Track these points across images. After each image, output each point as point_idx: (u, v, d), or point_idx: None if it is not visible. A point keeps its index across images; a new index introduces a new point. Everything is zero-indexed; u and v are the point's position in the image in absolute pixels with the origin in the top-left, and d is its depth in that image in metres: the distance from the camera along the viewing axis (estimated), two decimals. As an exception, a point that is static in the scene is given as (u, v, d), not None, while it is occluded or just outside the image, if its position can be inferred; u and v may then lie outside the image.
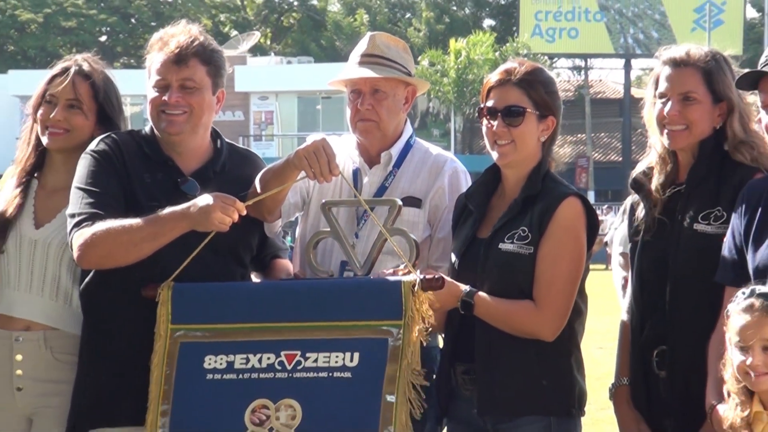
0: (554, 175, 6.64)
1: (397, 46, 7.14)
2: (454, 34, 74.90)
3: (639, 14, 71.72)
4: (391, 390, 6.09)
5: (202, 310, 6.46)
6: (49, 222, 6.84)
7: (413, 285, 6.19)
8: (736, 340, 5.71)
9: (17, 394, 6.84)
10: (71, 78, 6.99)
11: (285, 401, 6.19)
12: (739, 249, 6.07)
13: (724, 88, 6.34)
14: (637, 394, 6.48)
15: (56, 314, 6.83)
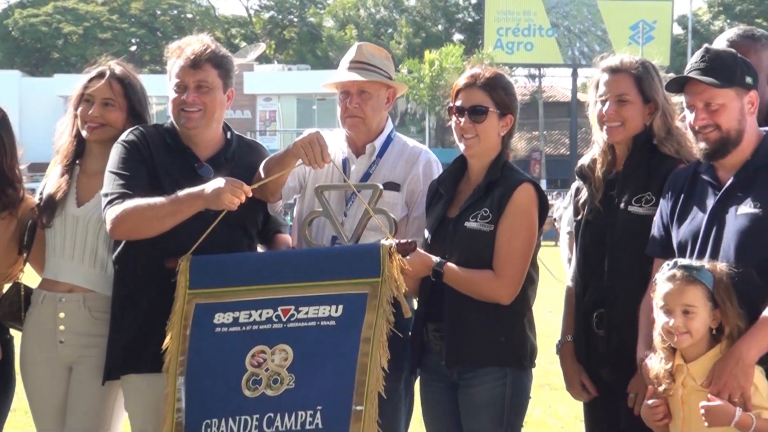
0: (512, 165, 6.66)
1: (380, 54, 7.15)
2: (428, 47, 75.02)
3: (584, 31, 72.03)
4: (368, 333, 6.19)
5: (214, 277, 6.51)
6: (88, 201, 6.86)
7: (390, 248, 6.25)
8: (662, 305, 5.78)
9: (60, 346, 6.86)
10: (106, 80, 7.02)
11: (279, 346, 6.29)
12: (666, 227, 6.15)
13: (652, 91, 6.40)
14: (580, 349, 6.52)
15: (94, 279, 6.85)
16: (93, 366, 6.80)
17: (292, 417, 6.20)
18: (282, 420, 6.20)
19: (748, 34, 6.85)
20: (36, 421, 7.08)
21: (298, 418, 6.19)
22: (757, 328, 5.70)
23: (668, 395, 5.82)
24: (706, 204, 6.01)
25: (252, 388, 6.29)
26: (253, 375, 6.30)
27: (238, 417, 6.25)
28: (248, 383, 6.29)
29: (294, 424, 6.19)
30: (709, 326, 5.77)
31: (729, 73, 5.96)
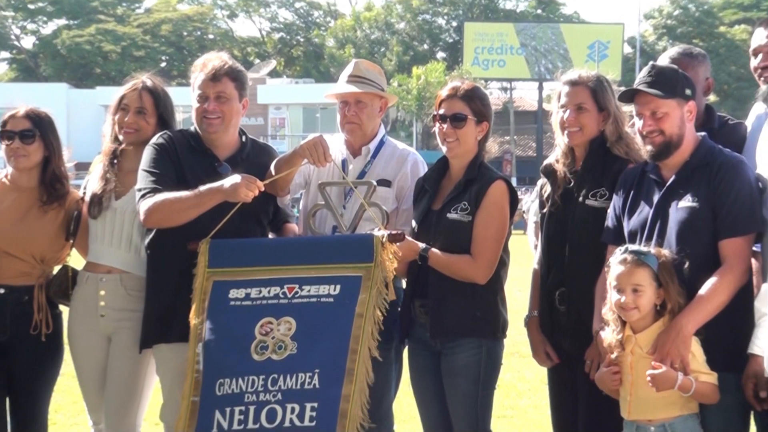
0: (487, 164, 6.68)
1: (374, 69, 7.17)
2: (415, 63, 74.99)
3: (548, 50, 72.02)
4: (361, 310, 6.26)
5: (230, 258, 6.54)
6: (125, 195, 6.86)
7: (382, 238, 6.30)
8: (614, 284, 5.81)
9: (101, 319, 6.88)
10: (139, 91, 7.06)
11: (284, 318, 6.35)
12: (618, 218, 6.18)
13: (605, 101, 6.40)
14: (544, 322, 6.53)
15: (129, 262, 6.87)
16: (129, 336, 6.82)
17: (293, 378, 6.23)
18: (284, 380, 6.23)
19: (687, 53, 6.85)
20: (81, 384, 7.11)
21: (298, 379, 6.22)
22: (694, 304, 5.74)
23: (619, 362, 5.85)
24: (652, 198, 6.05)
25: (260, 353, 6.33)
26: (261, 342, 6.36)
27: (247, 377, 6.29)
28: (257, 349, 6.34)
29: (294, 384, 6.22)
30: (654, 303, 5.80)
31: (671, 86, 5.99)
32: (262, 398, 6.26)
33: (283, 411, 6.21)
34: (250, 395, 6.28)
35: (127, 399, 6.91)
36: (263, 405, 6.25)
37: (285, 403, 6.21)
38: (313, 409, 6.18)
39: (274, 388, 6.25)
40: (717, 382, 5.72)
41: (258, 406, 6.25)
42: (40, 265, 7.05)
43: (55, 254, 7.13)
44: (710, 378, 5.71)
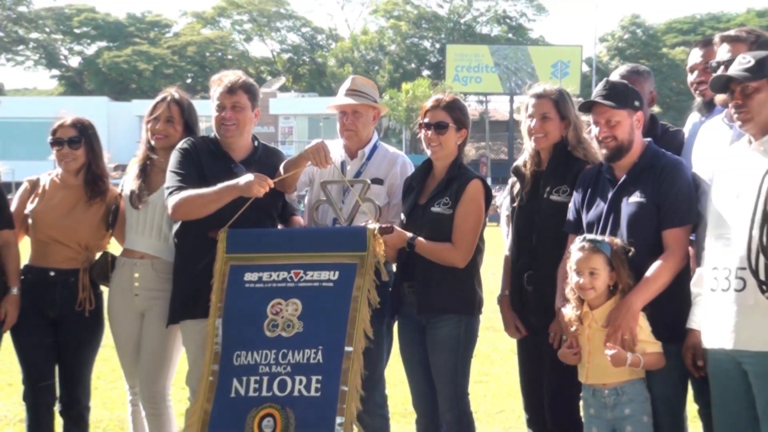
0: (465, 166, 6.68)
1: (369, 84, 7.15)
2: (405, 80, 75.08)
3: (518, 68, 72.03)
4: (357, 294, 6.32)
5: (245, 246, 6.57)
6: (156, 191, 6.86)
7: (374, 231, 6.35)
8: (574, 268, 5.83)
9: (135, 298, 6.89)
10: (168, 103, 7.05)
11: (292, 300, 6.41)
12: (578, 211, 6.17)
13: (566, 111, 6.40)
14: (514, 300, 6.51)
15: (159, 248, 6.88)
16: (159, 313, 6.82)
17: (300, 353, 6.30)
18: (293, 355, 6.30)
19: (635, 70, 6.86)
20: (119, 354, 7.10)
21: (304, 354, 6.29)
22: (641, 284, 5.79)
23: (578, 334, 5.87)
24: (606, 195, 6.05)
25: (271, 330, 6.39)
26: (272, 320, 6.41)
27: (260, 351, 6.35)
28: (268, 326, 6.40)
29: (301, 358, 6.28)
30: (607, 284, 5.83)
31: (623, 98, 6.00)
32: (274, 370, 6.31)
33: (293, 382, 6.26)
34: (264, 367, 6.33)
35: (157, 367, 6.92)
36: (275, 376, 6.30)
37: (294, 375, 6.27)
38: (318, 382, 6.24)
39: (284, 362, 6.30)
40: (662, 350, 5.76)
41: (270, 377, 6.30)
42: (84, 251, 7.06)
43: (98, 242, 7.15)
44: (655, 347, 5.75)
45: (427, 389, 6.61)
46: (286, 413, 6.22)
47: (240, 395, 6.32)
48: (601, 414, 5.87)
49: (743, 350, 5.35)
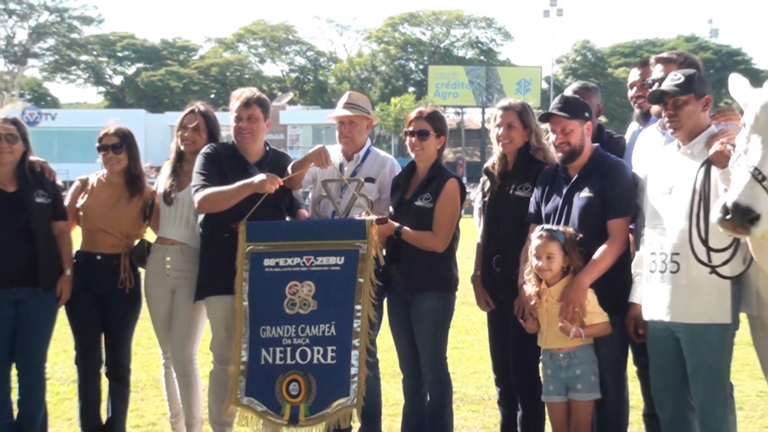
0: (444, 166, 6.67)
1: (363, 98, 7.15)
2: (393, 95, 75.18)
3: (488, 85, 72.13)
4: (361, 276, 6.34)
5: (261, 235, 6.54)
6: (184, 189, 6.83)
7: (372, 221, 6.35)
8: (534, 252, 5.86)
9: (167, 278, 6.86)
10: (195, 115, 7.05)
11: (306, 282, 6.41)
12: (538, 205, 6.17)
13: (528, 121, 6.39)
14: (485, 279, 6.49)
15: (187, 236, 6.85)
16: (187, 290, 6.80)
17: (316, 327, 6.35)
18: (310, 329, 6.35)
19: (585, 86, 6.86)
20: (154, 325, 7.08)
21: (319, 328, 6.34)
22: (589, 266, 5.82)
23: (537, 307, 5.90)
24: (561, 191, 6.06)
25: (290, 308, 6.41)
26: (291, 300, 6.42)
27: (282, 326, 6.39)
28: (287, 305, 6.41)
29: (317, 332, 6.34)
30: (561, 265, 5.85)
31: (575, 110, 6.02)
32: (296, 342, 6.37)
33: (312, 352, 6.34)
34: (286, 339, 6.38)
35: (185, 335, 6.90)
36: (297, 347, 6.36)
37: (312, 346, 6.34)
38: (333, 351, 6.32)
39: (303, 335, 6.36)
40: (608, 320, 5.80)
41: (293, 348, 6.36)
42: (125, 239, 7.03)
43: (136, 231, 7.12)
44: (602, 318, 5.79)
45: (412, 354, 6.59)
46: (309, 378, 6.32)
47: (268, 363, 6.39)
48: (556, 374, 5.90)
49: (677, 322, 5.39)
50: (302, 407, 6.32)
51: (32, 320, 6.79)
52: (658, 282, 5.46)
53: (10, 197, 6.72)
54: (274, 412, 6.38)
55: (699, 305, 5.29)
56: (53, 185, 6.99)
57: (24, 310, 6.74)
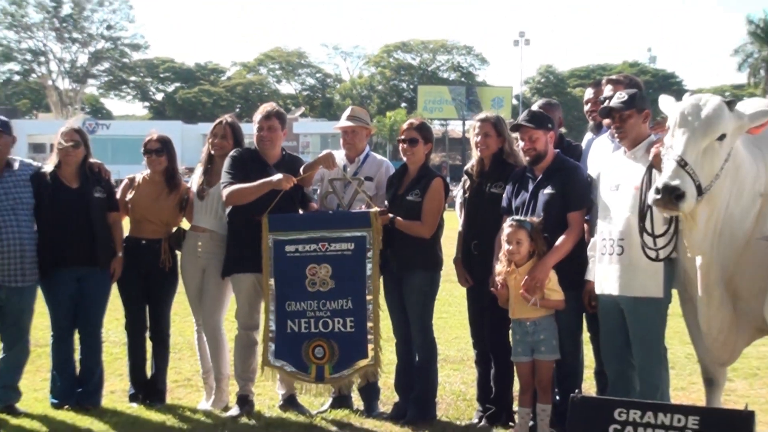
0: (431, 168, 6.67)
1: (363, 112, 7.13)
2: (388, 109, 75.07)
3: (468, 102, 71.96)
4: (369, 259, 6.41)
5: (281, 225, 6.52)
6: (214, 186, 6.83)
7: (376, 213, 6.40)
8: (505, 239, 5.85)
9: (198, 258, 6.88)
10: (223, 125, 7.04)
11: (323, 264, 6.46)
12: (509, 200, 6.15)
13: (502, 131, 6.37)
14: (465, 260, 6.47)
15: (216, 225, 6.84)
16: (216, 269, 6.81)
17: (335, 302, 6.43)
18: (330, 303, 6.44)
19: (548, 103, 6.82)
20: (188, 297, 7.07)
21: (338, 303, 6.43)
22: (552, 251, 5.83)
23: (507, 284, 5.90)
24: (528, 188, 6.05)
25: (311, 286, 6.46)
26: (311, 280, 6.47)
27: (305, 301, 6.46)
28: (309, 284, 6.46)
29: (337, 306, 6.42)
30: (528, 250, 5.84)
31: (540, 122, 6.02)
32: (318, 314, 6.45)
33: (333, 322, 6.43)
34: (310, 312, 6.45)
35: (214, 306, 6.90)
36: (319, 318, 6.44)
37: (333, 317, 6.43)
38: (351, 321, 6.42)
39: (324, 309, 6.44)
40: (563, 297, 5.82)
41: (316, 319, 6.44)
42: (165, 227, 7.04)
43: (174, 220, 7.12)
44: (559, 296, 5.82)
45: (404, 322, 6.58)
46: (331, 344, 6.43)
47: (294, 332, 6.47)
48: (523, 339, 5.91)
49: (622, 296, 5.42)
50: (327, 367, 6.44)
51: (91, 294, 6.86)
52: (607, 263, 5.49)
53: (73, 192, 6.81)
54: (302, 371, 6.48)
55: (639, 282, 5.34)
56: (108, 182, 7.04)
57: (85, 286, 6.83)
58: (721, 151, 4.74)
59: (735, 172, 4.88)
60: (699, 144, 4.69)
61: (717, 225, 4.91)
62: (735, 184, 4.91)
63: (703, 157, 4.69)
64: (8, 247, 6.53)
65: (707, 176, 4.69)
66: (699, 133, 4.71)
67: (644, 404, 4.68)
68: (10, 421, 6.35)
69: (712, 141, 4.71)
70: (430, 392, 6.61)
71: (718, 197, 4.82)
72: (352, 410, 6.75)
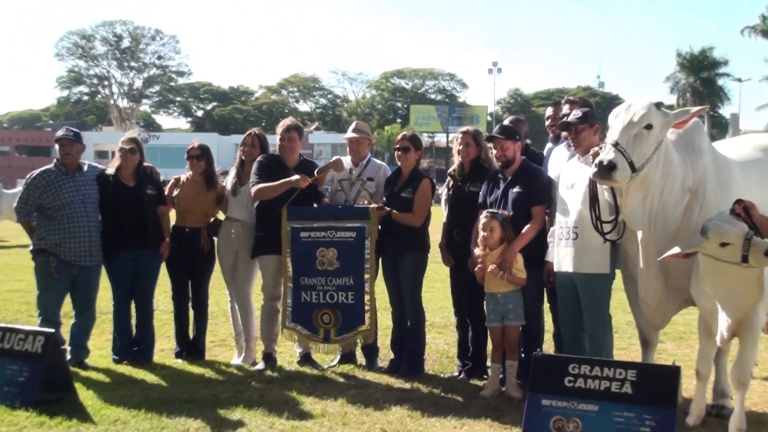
0: (421, 171, 6.60)
1: (366, 126, 7.08)
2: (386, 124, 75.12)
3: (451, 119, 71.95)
4: (368, 245, 6.36)
5: (299, 215, 6.48)
6: (245, 185, 6.78)
7: (374, 208, 6.37)
8: (481, 227, 5.81)
9: (232, 243, 6.83)
10: (252, 136, 7.01)
11: (330, 248, 6.41)
12: (485, 196, 6.11)
13: (479, 141, 6.34)
14: (449, 245, 6.43)
15: (246, 216, 6.80)
16: (246, 251, 6.77)
17: (340, 279, 6.39)
18: (335, 280, 6.40)
19: (517, 119, 6.75)
20: (223, 274, 7.01)
21: (342, 279, 6.39)
22: (518, 238, 5.80)
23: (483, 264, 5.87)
24: (500, 187, 6.02)
25: (320, 266, 6.42)
26: (320, 260, 6.42)
27: (316, 277, 6.42)
28: (318, 264, 6.42)
29: (341, 282, 6.38)
30: (499, 237, 5.81)
31: (511, 134, 6.01)
32: (325, 288, 6.41)
33: (337, 295, 6.40)
34: (319, 286, 6.42)
35: (245, 281, 6.87)
36: (326, 291, 6.41)
37: (337, 291, 6.40)
38: (352, 295, 6.38)
39: (330, 284, 6.39)
40: (526, 276, 5.80)
41: (324, 292, 6.41)
42: (205, 217, 7.01)
43: (212, 212, 7.08)
44: (522, 275, 5.79)
45: (398, 295, 6.55)
46: (336, 312, 6.42)
47: (307, 302, 6.45)
48: (495, 308, 5.89)
49: (575, 272, 5.42)
50: (332, 331, 6.44)
51: (144, 272, 6.85)
52: (563, 246, 5.49)
53: (130, 190, 6.80)
54: (313, 334, 6.48)
55: (589, 261, 5.33)
56: (158, 182, 7.01)
57: (139, 265, 6.81)
58: (650, 138, 4.78)
59: (667, 165, 4.91)
60: (629, 131, 4.77)
61: (653, 208, 4.91)
62: (668, 177, 4.93)
63: (633, 141, 4.75)
64: (79, 233, 6.53)
65: (639, 158, 4.72)
66: (629, 122, 4.80)
67: (593, 360, 4.70)
68: (80, 373, 6.36)
69: (640, 129, 4.76)
70: (420, 351, 6.59)
71: (651, 181, 4.85)
72: (356, 365, 6.74)
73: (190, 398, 5.65)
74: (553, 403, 4.55)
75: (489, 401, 5.64)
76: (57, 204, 6.51)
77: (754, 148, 5.71)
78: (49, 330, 5.64)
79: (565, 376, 4.61)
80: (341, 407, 5.41)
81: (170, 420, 5.05)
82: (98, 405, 5.40)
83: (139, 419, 5.08)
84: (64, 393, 5.43)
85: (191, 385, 6.11)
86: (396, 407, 5.40)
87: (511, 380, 5.82)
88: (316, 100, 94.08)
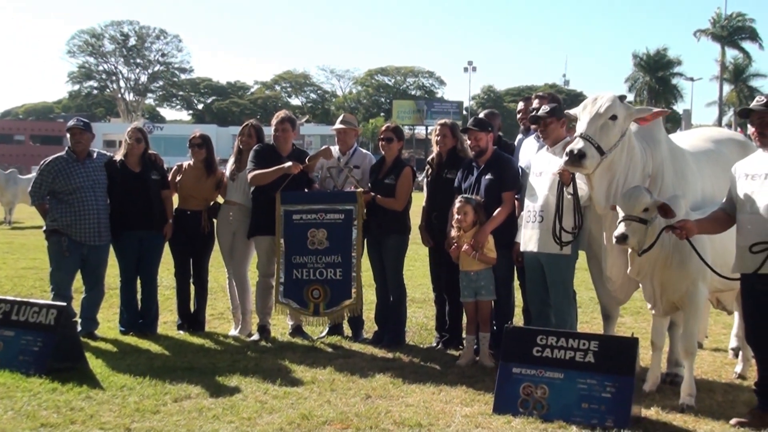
0: (402, 159, 6.58)
1: (352, 118, 7.05)
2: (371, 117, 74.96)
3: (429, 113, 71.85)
4: (356, 226, 6.30)
5: (292, 200, 6.42)
6: (242, 171, 6.72)
7: (361, 192, 6.32)
8: (456, 211, 5.80)
9: (230, 224, 6.78)
10: (248, 127, 6.95)
11: (321, 229, 6.36)
12: (460, 182, 6.10)
13: (455, 132, 6.33)
14: (428, 227, 6.39)
15: (243, 200, 6.73)
16: (243, 232, 6.72)
17: (329, 257, 6.34)
18: (325, 258, 6.34)
19: (490, 113, 6.68)
20: (222, 253, 6.99)
21: (331, 258, 6.34)
22: (490, 220, 5.81)
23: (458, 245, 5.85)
24: (474, 174, 6.00)
25: (311, 245, 6.37)
26: (311, 240, 6.37)
27: (307, 255, 6.36)
28: (309, 243, 6.37)
29: (330, 260, 6.33)
30: (473, 219, 5.80)
31: (483, 126, 5.99)
32: (315, 266, 6.35)
33: (326, 272, 6.34)
34: (310, 264, 6.36)
35: (242, 260, 6.83)
36: (317, 269, 6.35)
37: (326, 268, 6.34)
38: (340, 271, 6.33)
39: (320, 262, 6.34)
40: (496, 256, 5.79)
41: (314, 269, 6.35)
42: (205, 201, 6.95)
43: (212, 196, 7.02)
44: (493, 254, 5.79)
45: (382, 272, 6.54)
46: (325, 288, 6.36)
47: (298, 278, 6.38)
48: (469, 285, 5.88)
49: (541, 252, 5.41)
50: (321, 305, 6.38)
51: (149, 250, 6.81)
52: (531, 228, 5.47)
53: (136, 175, 6.75)
54: (303, 308, 6.42)
55: (553, 242, 5.27)
56: (162, 168, 6.95)
57: (144, 244, 6.77)
58: (614, 128, 4.80)
59: (631, 152, 4.93)
60: (596, 121, 4.81)
61: (618, 191, 4.89)
62: (631, 162, 4.94)
63: (600, 130, 4.79)
64: (89, 215, 6.47)
65: (606, 144, 4.76)
66: (595, 113, 4.82)
67: (558, 332, 4.71)
68: (90, 343, 6.32)
69: (606, 120, 4.79)
70: (401, 324, 6.60)
71: (617, 166, 4.87)
72: (343, 337, 6.74)
73: (191, 366, 5.63)
74: (523, 371, 4.56)
75: (464, 369, 5.66)
76: (68, 188, 6.45)
77: (705, 140, 5.78)
78: (61, 304, 5.60)
79: (533, 347, 4.62)
80: (329, 375, 5.41)
81: (172, 386, 5.03)
82: (106, 373, 5.37)
83: (144, 385, 5.05)
84: (75, 362, 5.40)
85: (192, 354, 6.08)
86: (379, 375, 5.40)
87: (484, 350, 5.82)
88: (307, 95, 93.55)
